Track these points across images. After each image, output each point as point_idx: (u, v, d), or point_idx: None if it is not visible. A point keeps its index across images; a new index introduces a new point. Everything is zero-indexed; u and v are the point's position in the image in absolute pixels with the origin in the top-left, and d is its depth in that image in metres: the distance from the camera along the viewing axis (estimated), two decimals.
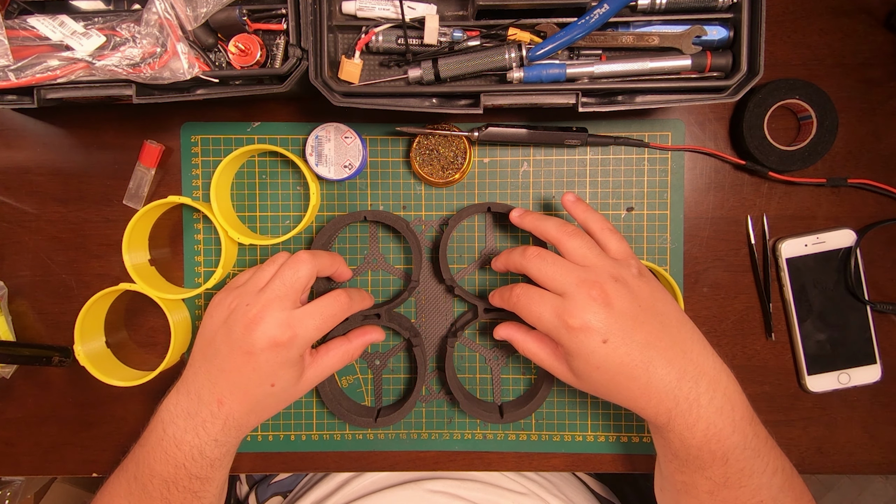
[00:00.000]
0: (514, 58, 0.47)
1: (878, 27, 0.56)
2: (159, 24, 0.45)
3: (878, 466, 0.58)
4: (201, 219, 0.58)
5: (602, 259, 0.45)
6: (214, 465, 0.46)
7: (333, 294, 0.48)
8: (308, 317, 0.45)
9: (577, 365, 0.44)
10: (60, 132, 0.58)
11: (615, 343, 0.42)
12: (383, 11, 0.49)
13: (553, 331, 0.43)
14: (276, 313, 0.44)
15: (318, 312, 0.46)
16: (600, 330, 0.42)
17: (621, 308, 0.42)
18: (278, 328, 0.44)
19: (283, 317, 0.44)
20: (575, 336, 0.42)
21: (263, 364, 0.44)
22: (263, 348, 0.44)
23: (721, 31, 0.48)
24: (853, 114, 0.56)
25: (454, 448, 0.59)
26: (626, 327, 0.42)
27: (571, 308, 0.42)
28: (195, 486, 0.46)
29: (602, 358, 0.42)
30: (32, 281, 0.58)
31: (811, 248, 0.56)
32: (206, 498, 0.48)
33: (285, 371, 0.46)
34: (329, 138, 0.54)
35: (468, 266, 0.58)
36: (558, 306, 0.43)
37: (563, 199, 0.49)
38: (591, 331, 0.42)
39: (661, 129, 0.56)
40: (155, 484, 0.46)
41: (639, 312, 0.43)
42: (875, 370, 0.56)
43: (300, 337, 0.45)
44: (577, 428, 0.59)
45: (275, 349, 0.44)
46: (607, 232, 0.47)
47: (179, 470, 0.45)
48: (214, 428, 0.45)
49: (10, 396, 0.59)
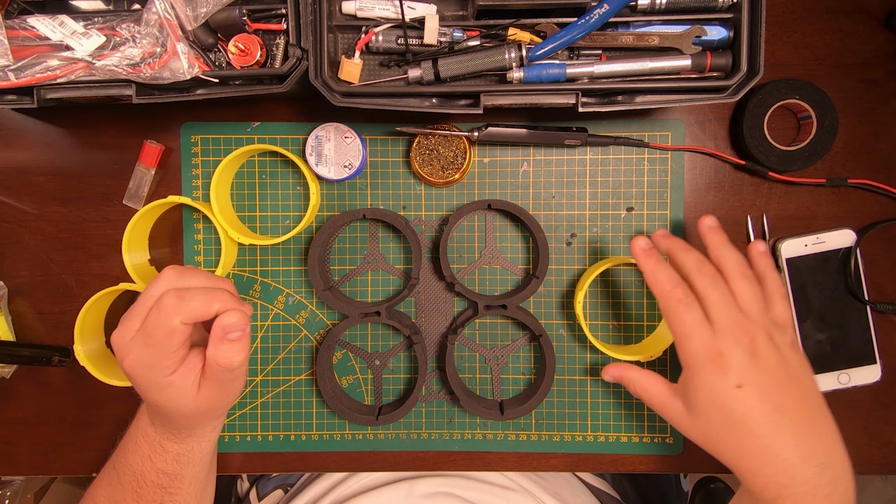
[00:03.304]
0: (514, 58, 0.47)
1: (878, 27, 0.56)
2: (159, 24, 0.45)
3: (878, 466, 0.58)
4: (201, 219, 0.58)
5: (764, 315, 0.43)
6: (180, 459, 0.46)
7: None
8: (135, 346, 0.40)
9: (698, 398, 0.42)
10: (60, 132, 0.58)
11: (749, 391, 0.40)
12: (383, 11, 0.49)
13: (691, 351, 0.42)
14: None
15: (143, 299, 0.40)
16: (739, 373, 0.40)
17: (766, 364, 0.41)
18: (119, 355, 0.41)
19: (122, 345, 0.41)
20: (710, 368, 0.40)
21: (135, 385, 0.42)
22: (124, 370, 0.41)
23: (721, 31, 0.48)
24: (853, 114, 0.56)
25: (454, 448, 0.59)
26: (765, 382, 0.40)
27: (718, 340, 0.41)
28: (163, 480, 0.46)
29: (729, 399, 0.40)
30: (32, 281, 0.58)
31: (811, 248, 0.56)
32: (179, 495, 0.47)
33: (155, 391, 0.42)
34: (329, 138, 0.54)
35: (468, 265, 0.58)
36: (707, 333, 0.41)
37: (701, 224, 0.47)
38: (729, 369, 0.40)
39: (661, 129, 0.56)
40: (127, 475, 0.47)
41: (783, 377, 0.41)
42: (875, 370, 0.56)
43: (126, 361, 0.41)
44: (577, 428, 0.59)
45: (128, 377, 0.42)
46: (754, 282, 0.44)
47: (146, 462, 0.46)
48: (161, 426, 0.46)
49: (10, 396, 0.59)
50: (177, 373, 0.40)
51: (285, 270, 0.58)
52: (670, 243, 0.47)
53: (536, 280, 0.54)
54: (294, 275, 0.58)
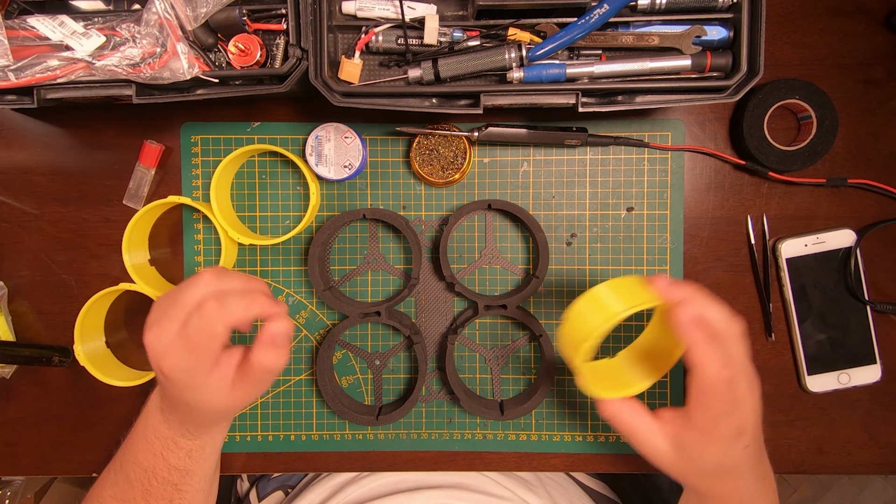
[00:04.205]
0: (514, 58, 0.47)
1: (878, 27, 0.56)
2: (159, 24, 0.45)
3: (878, 466, 0.58)
4: (201, 219, 0.58)
5: (747, 361, 0.41)
6: (192, 455, 0.47)
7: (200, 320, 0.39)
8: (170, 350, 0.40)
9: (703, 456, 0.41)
10: (60, 132, 0.58)
11: (752, 448, 0.41)
12: (383, 11, 0.49)
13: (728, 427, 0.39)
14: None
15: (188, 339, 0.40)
16: (748, 435, 0.40)
17: (756, 412, 0.41)
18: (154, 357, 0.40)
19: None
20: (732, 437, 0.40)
21: (169, 386, 0.42)
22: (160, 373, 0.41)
23: (721, 31, 0.48)
24: (853, 114, 0.56)
25: (454, 448, 0.59)
26: (757, 435, 0.42)
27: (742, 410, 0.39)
28: (174, 477, 0.46)
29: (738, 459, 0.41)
30: (32, 281, 0.59)
31: (811, 248, 0.56)
32: (188, 492, 0.48)
33: (191, 391, 0.42)
34: (329, 138, 0.54)
35: (468, 266, 0.58)
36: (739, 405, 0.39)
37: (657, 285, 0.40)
38: (743, 434, 0.40)
39: (661, 129, 0.56)
40: (136, 473, 0.46)
41: (758, 414, 0.42)
42: (875, 370, 0.56)
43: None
44: (577, 428, 0.59)
45: (164, 379, 0.41)
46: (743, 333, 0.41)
47: (158, 459, 0.46)
48: (179, 423, 0.46)
49: (10, 396, 0.59)
50: (214, 373, 0.41)
51: (285, 270, 0.58)
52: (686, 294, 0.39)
53: (536, 280, 0.54)
54: (294, 275, 0.58)
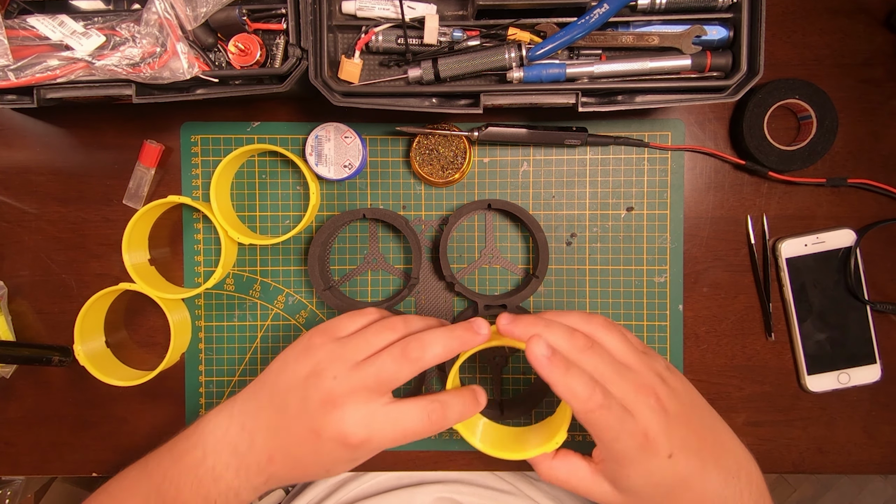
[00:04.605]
0: (514, 58, 0.47)
1: (878, 27, 0.56)
2: (159, 23, 0.45)
3: (878, 466, 0.58)
4: (201, 218, 0.58)
5: (639, 357, 0.40)
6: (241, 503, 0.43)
7: (428, 411, 0.39)
8: (389, 425, 0.39)
9: (634, 483, 0.39)
10: (60, 132, 0.58)
11: (678, 457, 0.38)
12: (383, 11, 0.49)
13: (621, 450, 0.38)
14: (359, 406, 0.39)
15: (401, 427, 0.39)
16: (665, 445, 0.38)
17: (675, 413, 0.39)
18: (354, 425, 0.38)
19: (364, 413, 0.39)
20: (642, 455, 0.38)
21: (326, 452, 0.40)
22: (331, 438, 0.39)
23: (721, 30, 0.48)
24: (853, 114, 0.56)
25: (454, 448, 0.59)
26: (683, 436, 0.39)
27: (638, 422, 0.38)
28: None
29: (666, 473, 0.39)
30: (32, 281, 0.58)
31: (811, 247, 0.56)
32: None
33: (344, 466, 0.41)
34: (329, 138, 0.54)
35: (468, 266, 0.58)
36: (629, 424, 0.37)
37: (503, 327, 0.39)
38: (658, 446, 0.38)
39: (661, 129, 0.56)
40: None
41: (685, 413, 0.40)
42: (875, 370, 0.56)
43: (373, 443, 0.39)
44: (577, 428, 0.58)
45: (342, 446, 0.39)
46: (607, 327, 0.41)
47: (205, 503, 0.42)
48: (258, 479, 0.41)
49: (10, 396, 0.59)
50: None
51: (285, 270, 0.58)
52: (525, 326, 0.39)
53: (536, 280, 0.54)
54: (294, 275, 0.58)
